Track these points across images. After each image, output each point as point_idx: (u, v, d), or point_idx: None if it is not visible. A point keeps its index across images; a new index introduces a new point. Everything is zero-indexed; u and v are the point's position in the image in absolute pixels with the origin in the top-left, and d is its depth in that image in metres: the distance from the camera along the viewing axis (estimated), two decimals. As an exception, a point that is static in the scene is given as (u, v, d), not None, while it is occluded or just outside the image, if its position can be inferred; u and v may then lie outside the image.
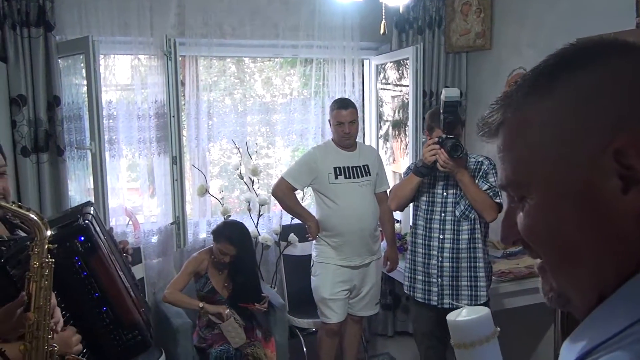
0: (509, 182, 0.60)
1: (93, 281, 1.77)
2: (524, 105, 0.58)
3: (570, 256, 0.56)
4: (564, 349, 0.57)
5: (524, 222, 0.58)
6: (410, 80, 3.65)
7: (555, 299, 0.59)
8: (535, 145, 0.57)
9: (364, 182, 3.11)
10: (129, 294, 1.83)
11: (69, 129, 3.28)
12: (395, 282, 3.91)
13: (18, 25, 3.05)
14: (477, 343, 1.03)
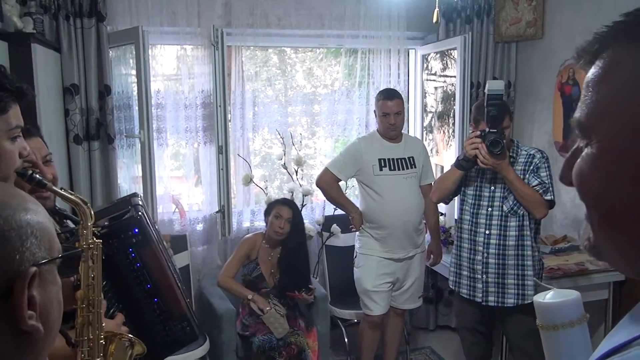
0: (579, 124, 0.57)
1: (145, 273, 1.80)
2: (627, 45, 0.54)
3: (612, 218, 0.54)
4: (603, 341, 0.55)
5: (578, 166, 0.57)
6: (457, 71, 3.58)
7: (590, 248, 0.58)
8: (618, 89, 0.54)
9: (409, 174, 3.07)
10: (177, 286, 1.87)
11: (119, 117, 3.36)
12: (438, 276, 3.87)
13: (71, 16, 3.13)
14: (563, 326, 1.01)
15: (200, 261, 3.56)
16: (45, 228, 0.64)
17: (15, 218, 0.60)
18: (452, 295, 3.93)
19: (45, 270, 0.63)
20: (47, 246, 0.64)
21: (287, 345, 2.89)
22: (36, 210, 0.65)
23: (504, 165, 2.44)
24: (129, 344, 1.43)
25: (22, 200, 0.64)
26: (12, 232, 0.59)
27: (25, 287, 0.58)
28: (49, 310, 0.64)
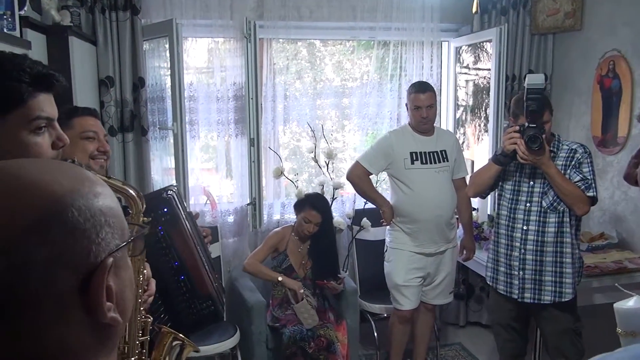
0: None
1: (173, 251, 1.85)
2: None
3: None
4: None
5: None
6: (492, 64, 3.51)
7: None
8: None
9: (441, 168, 3.03)
10: (204, 267, 1.91)
11: (152, 109, 3.40)
12: (469, 271, 3.82)
13: (107, 9, 3.17)
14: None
15: (231, 253, 3.59)
16: (116, 213, 0.60)
17: (89, 207, 0.55)
18: (483, 292, 3.90)
19: (118, 257, 0.59)
20: (119, 232, 0.59)
21: (316, 338, 2.89)
22: (105, 193, 0.59)
23: (544, 160, 2.38)
24: (179, 344, 1.43)
25: (91, 184, 0.58)
26: (87, 223, 0.54)
27: (104, 279, 0.55)
28: (124, 297, 0.60)
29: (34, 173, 0.56)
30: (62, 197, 0.54)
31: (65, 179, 0.56)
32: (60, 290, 0.52)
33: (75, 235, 0.53)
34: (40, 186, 0.54)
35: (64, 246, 0.52)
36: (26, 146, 1.01)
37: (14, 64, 1.00)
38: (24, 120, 1.01)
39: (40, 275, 0.51)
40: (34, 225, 0.51)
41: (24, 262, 0.50)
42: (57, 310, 0.52)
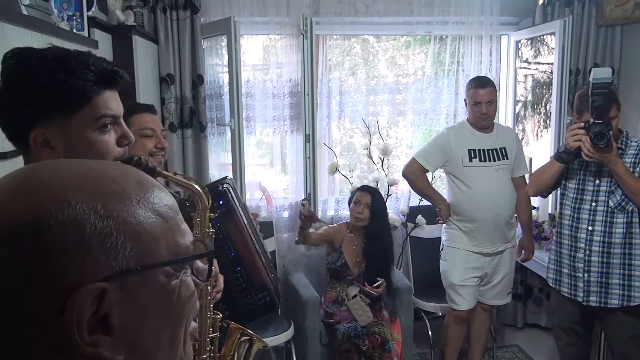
0: None
1: (229, 242, 1.89)
2: None
3: None
4: None
5: None
6: (555, 57, 3.38)
7: None
8: None
9: (500, 166, 2.95)
10: (260, 259, 1.94)
11: (210, 106, 3.47)
12: (527, 272, 3.72)
13: (168, 9, 3.26)
14: None
15: (285, 247, 3.63)
16: (131, 230, 0.49)
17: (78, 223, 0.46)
18: (542, 293, 3.78)
19: (134, 282, 0.48)
20: (133, 254, 0.48)
21: (370, 335, 2.88)
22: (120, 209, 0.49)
23: (611, 158, 2.27)
24: (248, 339, 1.42)
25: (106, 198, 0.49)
26: (68, 240, 0.46)
27: (80, 307, 0.45)
28: (142, 333, 0.50)
29: (48, 177, 0.49)
30: (45, 208, 0.46)
31: (74, 193, 0.48)
32: (38, 312, 0.45)
33: (52, 253, 0.45)
34: (38, 191, 0.48)
35: (36, 263, 0.45)
36: (92, 144, 1.01)
37: (79, 62, 0.98)
38: (90, 119, 1.00)
39: (10, 294, 0.45)
40: (9, 238, 0.45)
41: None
42: (38, 336, 0.46)
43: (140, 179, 0.53)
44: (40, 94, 0.95)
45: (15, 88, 0.95)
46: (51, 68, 0.95)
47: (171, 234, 0.52)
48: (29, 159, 1.00)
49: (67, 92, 0.96)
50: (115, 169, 0.53)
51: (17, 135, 0.99)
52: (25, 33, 1.49)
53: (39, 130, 0.96)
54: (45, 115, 0.96)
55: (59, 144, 0.97)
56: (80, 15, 2.37)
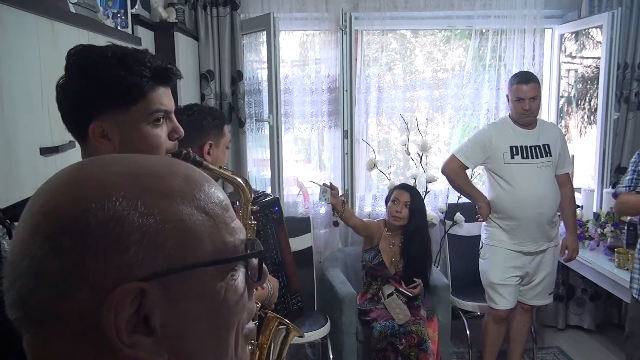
0: None
1: (278, 248, 1.92)
2: None
3: None
4: None
5: None
6: (602, 51, 3.28)
7: None
8: None
9: (543, 163, 2.87)
10: (293, 262, 1.99)
11: (249, 102, 3.50)
12: (569, 272, 3.62)
13: (208, 6, 3.29)
14: None
15: (322, 243, 3.63)
16: (177, 229, 0.47)
17: (120, 221, 0.46)
18: (585, 294, 3.68)
19: (176, 282, 0.47)
20: (178, 253, 0.47)
21: (407, 334, 2.86)
22: (165, 206, 0.48)
23: None
24: (284, 328, 1.44)
25: (151, 197, 0.48)
26: (109, 237, 0.45)
27: (119, 306, 0.45)
28: (185, 335, 0.48)
29: (92, 173, 0.49)
30: (86, 205, 0.45)
31: (116, 189, 0.47)
32: (75, 310, 0.45)
33: (91, 251, 0.45)
34: (77, 192, 0.47)
35: (76, 261, 0.45)
36: (146, 137, 1.05)
37: (136, 59, 1.03)
38: (145, 113, 1.04)
39: (52, 290, 0.45)
40: (51, 234, 0.45)
41: (37, 271, 0.45)
42: (77, 332, 0.46)
43: (188, 175, 0.51)
44: (100, 88, 1.00)
45: (78, 82, 1.01)
46: (111, 64, 1.00)
47: (217, 232, 0.50)
48: (87, 150, 1.05)
49: (125, 87, 1.01)
50: (164, 165, 0.52)
51: (78, 127, 1.04)
52: (73, 30, 1.53)
53: (98, 122, 1.01)
54: (104, 108, 1.01)
55: (115, 136, 1.03)
56: (124, 13, 2.42)
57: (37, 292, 0.45)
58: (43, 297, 0.45)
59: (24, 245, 0.46)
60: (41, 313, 0.45)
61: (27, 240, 0.46)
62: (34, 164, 1.25)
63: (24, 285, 0.45)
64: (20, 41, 1.21)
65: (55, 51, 1.38)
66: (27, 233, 0.46)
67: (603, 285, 3.13)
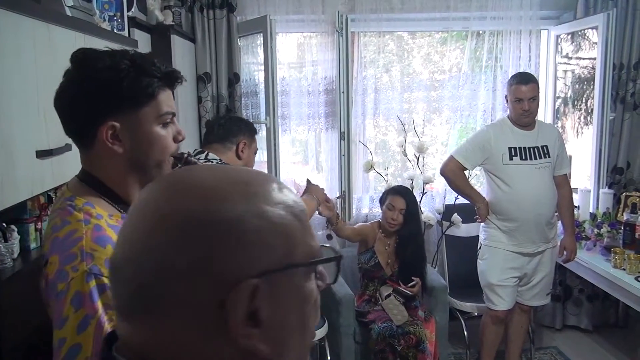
0: None
1: None
2: None
3: None
4: None
5: None
6: (598, 52, 3.29)
7: None
8: None
9: (542, 165, 2.88)
10: None
11: (246, 104, 3.50)
12: (567, 272, 3.63)
13: (205, 8, 3.30)
14: None
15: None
16: (279, 231, 0.53)
17: (239, 223, 0.51)
18: (582, 294, 3.69)
19: (279, 279, 0.52)
20: (282, 252, 0.52)
21: (405, 335, 2.86)
22: (269, 211, 0.53)
23: None
24: None
25: (256, 202, 0.53)
26: (232, 238, 0.50)
27: (242, 301, 0.50)
28: (283, 327, 0.54)
29: (201, 179, 0.54)
30: (207, 207, 0.51)
31: (230, 193, 0.52)
32: (198, 301, 0.50)
33: (216, 247, 0.49)
34: (195, 195, 0.52)
35: (204, 257, 0.49)
36: (156, 138, 1.07)
37: (146, 60, 1.06)
38: (154, 114, 1.06)
39: (180, 280, 0.49)
40: (177, 231, 0.50)
41: (166, 265, 0.49)
42: (196, 321, 0.50)
43: (279, 184, 0.57)
44: (112, 89, 1.00)
45: (89, 83, 1.01)
46: (122, 65, 1.01)
47: (306, 236, 0.55)
48: (91, 153, 1.05)
49: (137, 87, 1.02)
50: (257, 174, 0.57)
51: (85, 129, 1.04)
52: (69, 33, 1.53)
53: (110, 124, 1.02)
54: (116, 109, 1.02)
55: (126, 137, 1.03)
56: (120, 16, 2.42)
57: (161, 284, 0.50)
58: (167, 290, 0.49)
59: (148, 243, 0.50)
60: (162, 304, 0.50)
61: (152, 238, 0.50)
62: (30, 166, 1.25)
63: (148, 278, 0.50)
64: (16, 44, 1.21)
65: (51, 54, 1.38)
66: (150, 232, 0.51)
67: (600, 286, 3.14)
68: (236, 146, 2.29)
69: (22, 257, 1.45)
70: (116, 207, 1.07)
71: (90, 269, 0.92)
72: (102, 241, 0.97)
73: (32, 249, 1.51)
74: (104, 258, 0.94)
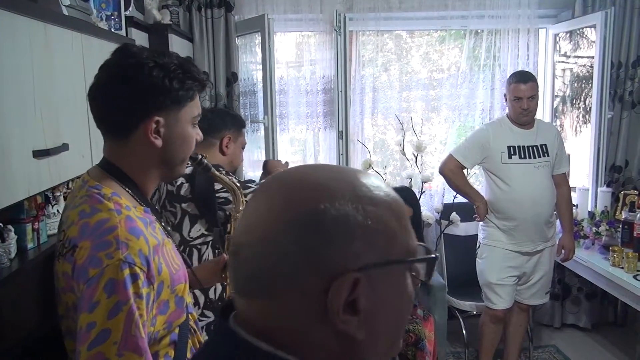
0: None
1: None
2: None
3: None
4: None
5: None
6: (596, 51, 3.29)
7: None
8: None
9: (541, 163, 2.88)
10: None
11: (244, 103, 3.50)
12: (565, 271, 3.63)
13: (203, 7, 3.29)
14: None
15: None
16: (382, 229, 0.57)
17: (347, 218, 0.55)
18: (581, 292, 3.69)
19: (379, 273, 0.57)
20: (384, 248, 0.57)
21: (405, 333, 2.86)
22: (373, 210, 0.57)
23: None
24: None
25: (363, 199, 0.58)
26: (338, 232, 0.55)
27: (343, 291, 0.54)
28: (377, 318, 0.58)
29: (313, 178, 0.59)
30: (320, 203, 0.56)
31: (340, 192, 0.57)
32: (306, 287, 0.55)
33: (325, 241, 0.55)
34: (310, 190, 0.57)
35: (314, 249, 0.55)
36: (189, 137, 1.16)
37: (191, 65, 1.14)
38: (190, 115, 1.14)
39: (291, 268, 0.55)
40: (293, 224, 0.55)
41: (281, 254, 0.55)
42: (303, 304, 0.56)
43: (380, 184, 0.61)
44: (161, 87, 1.07)
45: (138, 80, 1.07)
46: (171, 66, 1.09)
47: (405, 235, 0.60)
48: (124, 144, 1.11)
49: (182, 88, 1.10)
50: (361, 175, 0.61)
51: (126, 122, 1.09)
52: (66, 33, 1.52)
53: (156, 119, 1.08)
54: (161, 106, 1.09)
55: (165, 133, 1.11)
56: (118, 15, 2.41)
57: (275, 270, 0.55)
58: (280, 275, 0.55)
59: (266, 233, 0.56)
60: (268, 287, 0.56)
61: (270, 229, 0.56)
62: (27, 166, 1.24)
63: (263, 263, 0.56)
64: (12, 44, 1.20)
65: (48, 54, 1.38)
66: (269, 223, 0.56)
67: (598, 284, 3.14)
68: (220, 142, 2.23)
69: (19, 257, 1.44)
70: (137, 200, 1.12)
71: (125, 257, 0.97)
72: (136, 232, 1.02)
73: (29, 249, 1.50)
74: (137, 248, 0.99)
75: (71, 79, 1.51)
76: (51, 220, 1.63)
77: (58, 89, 1.41)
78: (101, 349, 0.93)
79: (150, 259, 1.02)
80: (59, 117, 1.41)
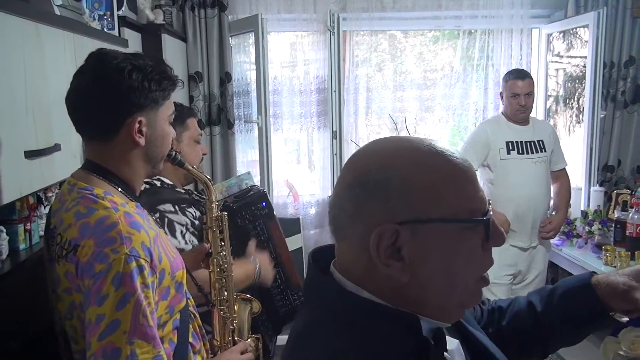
0: None
1: (270, 244, 1.93)
2: None
3: None
4: None
5: None
6: (589, 51, 3.30)
7: None
8: None
9: (538, 159, 2.91)
10: (292, 259, 2.02)
11: (238, 103, 3.49)
12: (559, 270, 3.64)
13: (196, 7, 3.28)
14: None
15: (312, 244, 3.62)
16: (417, 188, 0.66)
17: (388, 180, 0.67)
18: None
19: (422, 228, 0.66)
20: (422, 206, 0.66)
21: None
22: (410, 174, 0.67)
23: None
24: (248, 302, 1.66)
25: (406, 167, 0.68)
26: (379, 193, 0.66)
27: (380, 239, 0.66)
28: (422, 266, 0.67)
29: (377, 147, 0.72)
30: (369, 169, 0.68)
31: (389, 156, 0.69)
32: (357, 232, 0.68)
33: (368, 199, 0.67)
34: (366, 158, 0.71)
35: (360, 204, 0.68)
36: (167, 134, 1.22)
37: (165, 65, 1.20)
38: (167, 113, 1.21)
39: (350, 217, 0.69)
40: (350, 185, 0.69)
41: (341, 206, 0.70)
42: (361, 246, 0.68)
43: (441, 152, 0.69)
44: (140, 89, 1.12)
45: (116, 83, 1.11)
46: (148, 68, 1.14)
47: (458, 198, 0.67)
48: (109, 145, 1.15)
49: (159, 88, 1.15)
50: (422, 144, 0.70)
51: (109, 124, 1.14)
52: (58, 33, 1.51)
53: (138, 119, 1.13)
54: (141, 107, 1.13)
55: (147, 132, 1.16)
56: (110, 15, 2.40)
57: (339, 218, 0.71)
58: (342, 223, 0.70)
59: (339, 191, 0.71)
60: (340, 231, 0.71)
61: (341, 188, 0.71)
62: (19, 167, 1.24)
63: (335, 212, 0.71)
64: (4, 44, 1.20)
65: (40, 54, 1.37)
66: (341, 185, 0.71)
67: (592, 283, 3.15)
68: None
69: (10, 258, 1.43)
70: (128, 196, 1.16)
71: (130, 251, 1.02)
72: (137, 226, 1.07)
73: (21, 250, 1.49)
74: (140, 241, 1.05)
75: (63, 79, 1.51)
76: (43, 220, 1.63)
77: (50, 89, 1.41)
78: (111, 338, 0.98)
79: (152, 250, 1.07)
80: (51, 117, 1.41)
